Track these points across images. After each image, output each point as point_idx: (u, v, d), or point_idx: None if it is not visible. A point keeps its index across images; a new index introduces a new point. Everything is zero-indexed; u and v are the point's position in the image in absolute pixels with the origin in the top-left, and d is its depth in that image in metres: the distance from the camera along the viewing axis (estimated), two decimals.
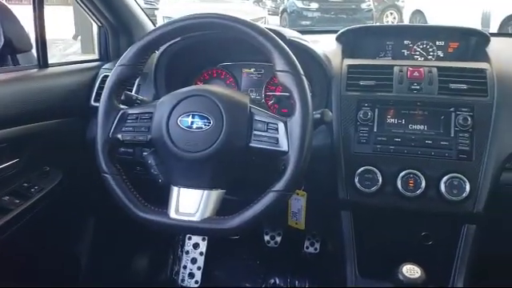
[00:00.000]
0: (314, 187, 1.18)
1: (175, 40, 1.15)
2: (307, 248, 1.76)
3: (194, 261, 1.72)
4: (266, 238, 1.80)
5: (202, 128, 0.88)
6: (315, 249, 1.75)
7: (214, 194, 0.89)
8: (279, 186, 0.85)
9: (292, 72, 0.87)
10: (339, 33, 1.34)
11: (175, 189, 0.90)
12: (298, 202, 1.19)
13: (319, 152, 1.11)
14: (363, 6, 9.62)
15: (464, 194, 1.02)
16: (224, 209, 0.90)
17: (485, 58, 1.18)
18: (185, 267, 1.71)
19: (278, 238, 1.79)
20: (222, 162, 0.89)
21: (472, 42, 1.28)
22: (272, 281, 1.70)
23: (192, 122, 0.88)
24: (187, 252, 1.73)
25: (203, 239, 1.75)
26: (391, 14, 10.40)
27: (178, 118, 0.89)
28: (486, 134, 1.04)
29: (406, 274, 0.86)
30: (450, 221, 1.09)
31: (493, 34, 1.31)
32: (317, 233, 1.77)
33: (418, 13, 8.95)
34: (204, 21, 0.92)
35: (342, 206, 1.14)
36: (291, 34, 1.17)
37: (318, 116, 0.96)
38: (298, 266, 1.74)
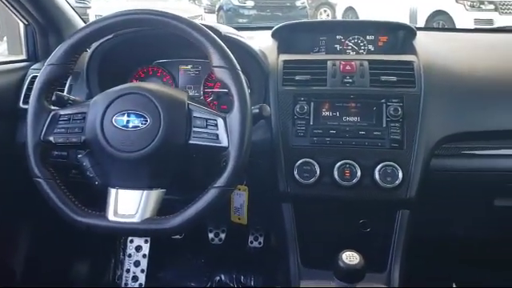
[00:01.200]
0: (255, 182, 1.20)
1: (107, 37, 1.12)
2: (251, 243, 1.78)
3: (137, 264, 1.68)
4: (210, 235, 1.80)
5: (138, 127, 0.86)
6: (259, 243, 1.77)
7: (154, 194, 0.88)
8: (220, 181, 0.85)
9: (228, 67, 0.87)
10: (274, 29, 1.36)
11: (113, 190, 0.88)
12: (240, 198, 1.20)
13: (259, 147, 1.12)
14: (297, 3, 9.81)
15: (397, 181, 1.07)
16: (168, 209, 0.89)
17: (412, 50, 1.23)
18: (128, 271, 1.67)
19: (222, 235, 1.79)
20: (160, 161, 0.88)
21: (400, 35, 1.34)
22: (217, 278, 1.70)
23: (128, 121, 0.86)
24: (130, 255, 1.69)
25: (146, 241, 1.71)
26: (325, 11, 10.68)
27: (112, 118, 0.86)
28: (416, 124, 1.09)
29: (346, 261, 0.89)
30: (385, 207, 1.13)
31: (419, 28, 1.38)
32: (260, 227, 1.79)
33: (350, 9, 9.28)
34: (136, 17, 0.91)
35: (283, 199, 1.16)
36: (227, 30, 1.17)
37: (257, 111, 0.97)
38: (243, 262, 1.75)
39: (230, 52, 0.89)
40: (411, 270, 1.22)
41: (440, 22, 7.11)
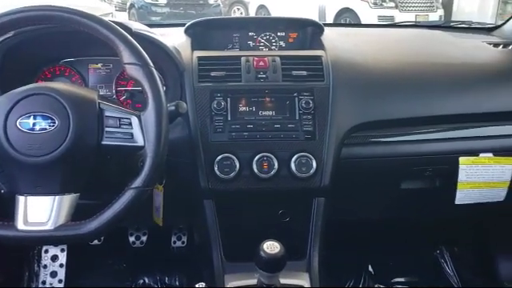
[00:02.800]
0: (175, 180, 1.18)
1: (7, 35, 1.05)
2: (174, 243, 1.76)
3: (53, 274, 1.60)
4: (131, 238, 1.75)
5: (46, 129, 0.81)
6: (183, 242, 1.76)
7: (67, 199, 0.84)
8: (138, 182, 0.83)
9: (140, 64, 0.86)
10: (187, 26, 1.35)
11: (21, 198, 0.82)
12: (158, 198, 1.18)
13: (178, 145, 1.11)
14: (211, 1, 9.82)
15: (312, 171, 1.11)
16: (86, 214, 0.85)
17: (320, 46, 1.29)
18: (44, 282, 1.58)
19: (144, 238, 1.75)
20: (72, 164, 0.84)
21: (309, 31, 1.39)
22: (141, 281, 1.67)
23: (34, 124, 0.81)
24: (45, 266, 1.60)
25: (62, 250, 1.63)
26: (238, 9, 10.77)
27: (17, 121, 0.81)
28: (326, 115, 1.15)
29: (267, 251, 0.90)
30: (302, 196, 1.18)
31: (326, 25, 1.44)
32: (183, 226, 1.77)
33: (262, 7, 9.45)
34: (36, 14, 0.86)
35: (205, 195, 1.16)
36: (138, 26, 1.14)
37: (173, 108, 0.96)
38: (167, 263, 1.72)
39: (141, 48, 0.88)
40: (330, 254, 1.28)
41: (347, 18, 7.51)
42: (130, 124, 0.85)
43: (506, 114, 1.26)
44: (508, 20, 1.61)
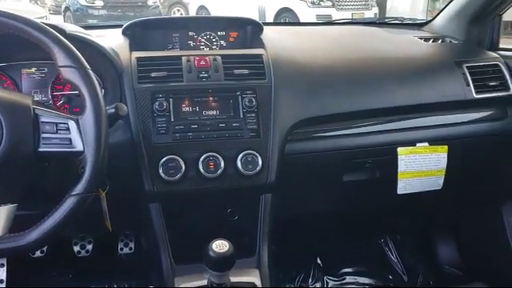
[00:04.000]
0: (119, 185, 1.15)
1: None
2: (122, 249, 1.71)
3: None
4: (76, 248, 1.68)
5: None
6: (130, 249, 1.71)
7: (3, 211, 0.79)
8: (78, 188, 0.80)
9: (76, 66, 0.83)
10: (124, 27, 1.32)
11: None
12: (103, 203, 1.14)
13: (120, 148, 1.08)
14: (149, 2, 9.66)
15: (258, 168, 1.12)
16: (27, 225, 0.81)
17: (260, 44, 1.30)
18: None
19: (89, 246, 1.69)
20: (6, 174, 0.80)
21: (249, 30, 1.39)
22: None
23: None
24: None
25: (1, 265, 1.54)
26: (178, 10, 10.66)
27: None
28: (269, 113, 1.16)
29: (216, 250, 0.90)
30: (249, 194, 1.18)
31: (266, 24, 1.46)
32: (130, 232, 1.73)
33: (202, 8, 9.40)
34: None
35: (150, 199, 1.14)
36: (72, 28, 1.10)
37: (113, 111, 0.93)
38: (115, 270, 1.68)
39: (76, 51, 0.85)
40: (280, 250, 1.30)
41: (286, 18, 7.65)
42: (68, 129, 0.82)
43: (439, 105, 1.33)
44: (436, 16, 1.70)
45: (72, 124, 0.82)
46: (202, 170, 1.10)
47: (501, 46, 1.55)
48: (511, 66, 1.39)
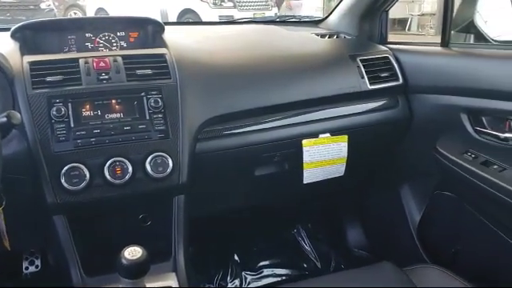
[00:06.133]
0: (18, 199, 1.07)
1: None
2: (27, 269, 1.59)
3: None
4: None
5: None
6: (36, 266, 1.60)
7: None
8: None
9: None
10: (12, 30, 1.23)
11: None
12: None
13: (16, 159, 1.01)
14: (42, 6, 9.05)
15: (168, 170, 1.10)
16: None
17: (163, 44, 1.28)
18: None
19: None
20: None
21: (149, 30, 1.36)
22: None
23: None
24: None
25: None
26: (75, 13, 10.15)
27: None
28: (177, 112, 1.15)
29: (128, 257, 0.87)
30: (161, 197, 1.16)
31: (167, 23, 1.44)
32: (35, 249, 1.61)
33: (101, 10, 9.05)
34: None
35: (54, 211, 1.07)
36: None
37: (4, 120, 0.87)
38: None
39: None
40: (197, 250, 1.29)
41: (189, 19, 7.62)
42: None
43: (338, 97, 1.41)
44: (331, 13, 1.79)
45: None
46: (108, 176, 1.06)
47: (389, 39, 1.68)
48: (399, 58, 1.51)
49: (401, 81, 1.48)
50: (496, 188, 1.15)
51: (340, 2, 1.72)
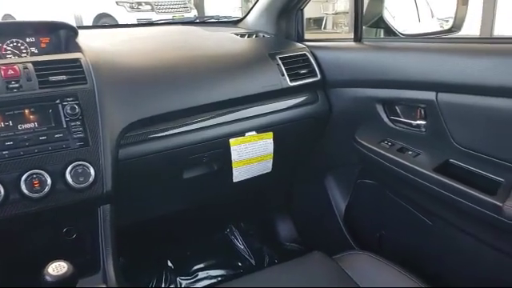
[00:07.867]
0: None
1: None
2: None
3: None
4: None
5: None
6: None
7: None
8: None
9: None
10: None
11: None
12: None
13: None
14: None
15: (91, 179, 1.06)
16: None
17: (77, 48, 1.23)
18: None
19: None
20: None
21: (62, 35, 1.30)
22: None
23: None
24: None
25: None
26: None
27: None
28: (96, 119, 1.10)
29: (53, 273, 0.83)
30: (85, 208, 1.11)
31: (80, 27, 1.38)
32: None
33: (8, 16, 8.53)
34: None
35: None
36: None
37: None
38: None
39: None
40: (128, 260, 1.25)
41: (106, 23, 7.36)
42: None
43: (261, 95, 1.43)
44: (248, 13, 1.81)
45: None
46: (25, 190, 0.99)
47: (307, 38, 1.73)
48: (316, 55, 1.56)
49: (319, 76, 1.53)
50: (412, 172, 1.23)
51: (256, 2, 1.75)
